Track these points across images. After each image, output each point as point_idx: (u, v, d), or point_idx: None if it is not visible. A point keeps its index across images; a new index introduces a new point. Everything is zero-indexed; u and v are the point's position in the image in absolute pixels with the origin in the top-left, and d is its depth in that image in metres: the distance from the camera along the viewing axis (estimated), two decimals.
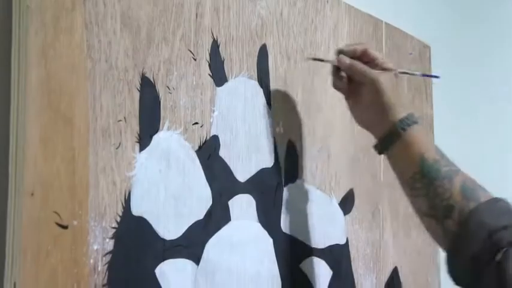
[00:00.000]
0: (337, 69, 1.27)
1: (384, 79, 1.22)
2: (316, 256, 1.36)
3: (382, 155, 1.25)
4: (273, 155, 1.28)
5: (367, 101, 1.24)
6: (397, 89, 1.24)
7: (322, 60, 1.32)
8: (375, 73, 1.23)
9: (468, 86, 2.12)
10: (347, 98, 1.28)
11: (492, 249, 1.13)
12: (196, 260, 1.10)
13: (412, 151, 1.21)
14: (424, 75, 1.42)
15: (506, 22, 2.31)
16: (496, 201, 1.18)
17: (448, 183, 1.19)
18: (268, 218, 1.25)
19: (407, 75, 1.45)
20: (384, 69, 1.24)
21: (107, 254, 0.97)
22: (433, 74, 1.83)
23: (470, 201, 1.18)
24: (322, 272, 1.38)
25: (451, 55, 2.07)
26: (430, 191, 1.20)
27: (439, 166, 1.20)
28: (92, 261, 0.95)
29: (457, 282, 1.19)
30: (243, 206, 1.20)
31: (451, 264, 1.19)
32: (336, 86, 1.28)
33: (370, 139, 1.32)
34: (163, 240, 1.05)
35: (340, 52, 1.27)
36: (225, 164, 1.18)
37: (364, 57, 1.25)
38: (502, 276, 1.11)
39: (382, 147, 1.25)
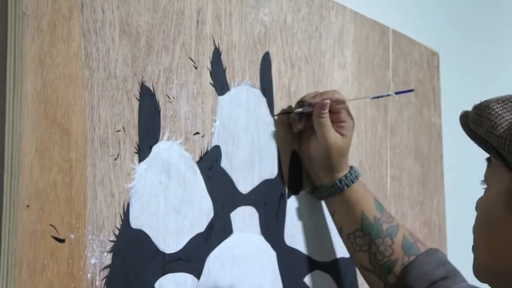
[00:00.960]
0: (299, 116, 1.30)
1: (333, 143, 1.27)
2: (321, 270, 1.36)
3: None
4: (276, 165, 1.27)
5: (314, 156, 1.30)
6: (345, 153, 1.30)
7: (295, 111, 1.31)
8: (330, 138, 1.27)
9: (477, 94, 2.11)
10: (300, 141, 1.32)
11: None
12: (197, 274, 1.10)
13: (353, 209, 1.30)
14: (397, 93, 1.46)
15: None
16: (432, 252, 1.29)
17: (389, 241, 1.29)
18: (271, 230, 1.25)
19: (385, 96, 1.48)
20: (346, 121, 1.29)
21: (104, 268, 0.96)
22: (441, 82, 1.83)
23: (411, 255, 1.28)
24: (327, 286, 1.37)
25: (460, 62, 2.07)
26: (371, 248, 1.29)
27: (379, 224, 1.29)
28: (89, 275, 0.94)
29: None
30: (245, 219, 1.20)
31: None
32: (295, 127, 1.30)
33: (378, 149, 1.32)
34: (163, 253, 1.05)
35: (300, 102, 1.30)
36: (227, 175, 1.17)
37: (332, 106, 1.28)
38: None
39: (320, 196, 1.33)
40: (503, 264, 0.96)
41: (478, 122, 0.97)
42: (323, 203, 1.37)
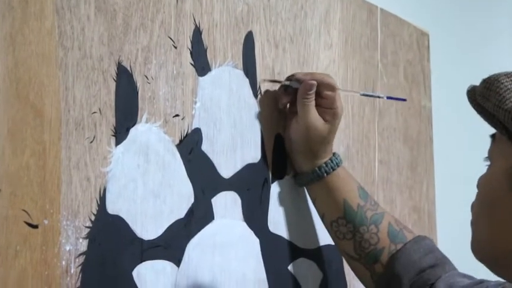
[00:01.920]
0: (285, 90, 1.29)
1: (314, 129, 1.27)
2: (305, 257, 1.36)
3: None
4: (259, 149, 1.27)
5: (294, 140, 1.29)
6: (327, 140, 1.29)
7: (282, 82, 1.31)
8: (311, 121, 1.26)
9: (469, 76, 2.11)
10: (284, 122, 1.32)
11: (422, 287, 1.24)
12: (177, 261, 1.10)
13: (335, 195, 1.30)
14: (389, 98, 1.46)
15: (509, 8, 2.31)
16: (420, 239, 1.29)
17: (375, 228, 1.28)
18: (254, 216, 1.25)
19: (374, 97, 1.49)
20: (332, 108, 1.28)
21: (80, 255, 0.96)
22: (432, 64, 1.83)
23: (398, 243, 1.28)
24: (312, 274, 1.37)
25: (451, 43, 2.07)
26: (356, 235, 1.29)
27: (363, 212, 1.29)
28: (64, 262, 0.94)
29: None
30: (227, 204, 1.20)
31: None
32: (280, 102, 1.30)
33: (365, 132, 1.32)
34: (141, 240, 1.04)
35: (291, 77, 1.30)
36: (208, 159, 1.17)
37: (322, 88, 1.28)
38: None
39: (301, 182, 1.33)
40: (503, 241, 0.96)
41: (485, 96, 0.96)
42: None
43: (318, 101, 1.27)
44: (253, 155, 1.26)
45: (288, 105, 1.31)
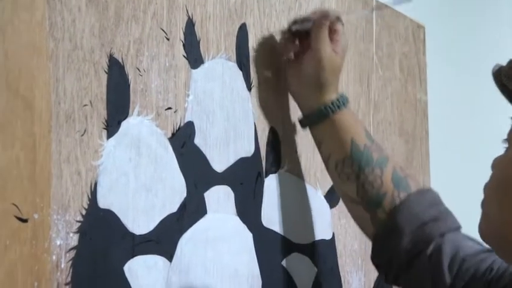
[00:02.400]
0: (293, 35, 1.31)
1: (328, 58, 1.28)
2: (299, 252, 1.36)
3: None
4: (253, 143, 1.27)
5: (305, 73, 1.29)
6: (337, 71, 1.30)
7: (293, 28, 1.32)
8: (326, 51, 1.27)
9: (465, 69, 2.12)
10: (289, 64, 1.32)
11: (423, 241, 1.22)
12: (169, 256, 1.10)
13: (341, 135, 1.28)
14: (396, 2, 1.44)
15: (506, 1, 2.31)
16: (425, 191, 1.28)
17: (379, 171, 1.27)
18: (247, 211, 1.25)
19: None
20: (340, 40, 1.30)
21: (70, 249, 0.96)
22: (427, 57, 1.83)
23: (401, 191, 1.26)
24: (306, 269, 1.37)
25: (447, 36, 2.07)
26: (360, 177, 1.27)
27: (369, 153, 1.27)
28: (54, 257, 0.94)
29: (380, 271, 1.30)
30: (220, 198, 1.20)
31: (377, 253, 1.28)
32: (286, 50, 1.31)
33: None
34: (133, 235, 1.04)
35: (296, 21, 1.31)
36: (201, 152, 1.17)
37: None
38: (436, 268, 1.20)
39: (307, 122, 1.32)
40: None
41: (510, 77, 0.96)
42: (302, 184, 1.37)
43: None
44: (247, 148, 1.26)
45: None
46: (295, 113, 1.36)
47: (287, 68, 1.32)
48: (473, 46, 2.19)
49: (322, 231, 1.40)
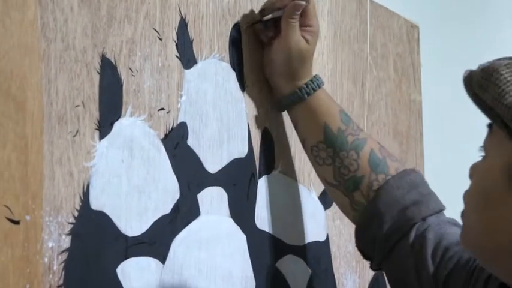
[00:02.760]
0: (264, 27, 1.30)
1: (297, 48, 1.27)
2: (293, 254, 1.36)
3: None
4: (246, 143, 1.27)
5: (275, 61, 1.29)
6: (307, 60, 1.30)
7: (264, 19, 1.30)
8: (294, 40, 1.27)
9: (460, 69, 2.12)
10: (264, 48, 1.32)
11: (405, 225, 1.22)
12: (162, 258, 1.10)
13: (315, 118, 1.29)
14: None
15: (499, 1, 2.32)
16: (405, 174, 1.26)
17: (355, 154, 1.27)
18: (241, 212, 1.25)
19: None
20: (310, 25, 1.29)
21: (63, 251, 0.96)
22: (422, 57, 1.84)
23: (379, 173, 1.26)
24: (300, 271, 1.38)
25: (442, 36, 2.07)
26: (335, 161, 1.27)
27: (344, 136, 1.27)
28: (46, 259, 0.94)
29: (366, 257, 1.30)
30: (213, 200, 1.20)
31: (361, 239, 1.28)
32: (261, 33, 1.31)
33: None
34: (126, 236, 1.04)
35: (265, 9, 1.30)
36: (194, 153, 1.17)
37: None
38: (419, 256, 1.20)
39: (283, 105, 1.32)
40: (493, 238, 0.96)
41: (483, 87, 0.94)
42: (295, 185, 1.38)
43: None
44: (240, 149, 1.26)
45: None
46: None
47: (264, 54, 1.32)
48: (467, 46, 2.20)
49: (316, 233, 1.40)
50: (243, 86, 1.27)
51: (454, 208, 1.29)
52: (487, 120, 0.98)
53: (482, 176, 0.99)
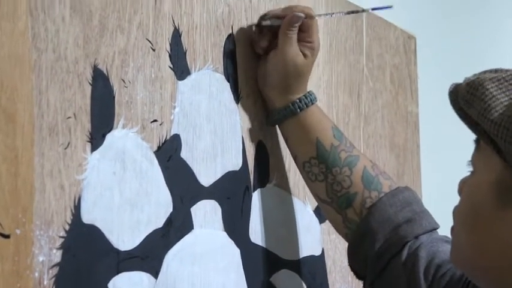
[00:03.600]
0: (260, 33, 1.30)
1: (294, 63, 1.27)
2: (288, 268, 1.36)
3: None
4: (240, 156, 1.27)
5: (270, 74, 1.29)
6: (303, 76, 1.29)
7: (261, 24, 1.31)
8: (291, 55, 1.26)
9: (457, 80, 2.13)
10: (260, 59, 1.31)
11: (397, 244, 1.22)
12: (155, 273, 1.10)
13: (308, 134, 1.29)
14: (374, 9, 1.43)
15: (496, 12, 2.32)
16: (398, 192, 1.27)
17: (348, 171, 1.27)
18: (235, 226, 1.25)
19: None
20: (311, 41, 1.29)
21: (53, 266, 0.96)
22: (419, 68, 1.84)
23: (372, 190, 1.26)
24: (295, 286, 1.37)
25: (439, 47, 2.08)
26: (328, 177, 1.28)
27: (337, 153, 1.27)
28: (37, 274, 0.94)
29: (358, 276, 1.30)
30: (207, 213, 1.20)
31: (353, 257, 1.28)
32: (258, 46, 1.30)
33: (350, 139, 1.32)
34: (118, 250, 1.04)
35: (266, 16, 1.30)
36: (187, 166, 1.17)
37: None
38: (412, 274, 1.20)
39: (274, 119, 1.31)
40: (483, 258, 0.96)
41: (469, 101, 0.94)
42: (290, 198, 1.38)
43: (297, 35, 1.28)
44: (234, 162, 1.26)
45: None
46: None
47: (259, 66, 1.32)
48: (464, 57, 2.20)
49: (311, 247, 1.40)
50: (237, 98, 1.27)
51: (450, 220, 1.29)
52: None
53: (471, 192, 0.99)
